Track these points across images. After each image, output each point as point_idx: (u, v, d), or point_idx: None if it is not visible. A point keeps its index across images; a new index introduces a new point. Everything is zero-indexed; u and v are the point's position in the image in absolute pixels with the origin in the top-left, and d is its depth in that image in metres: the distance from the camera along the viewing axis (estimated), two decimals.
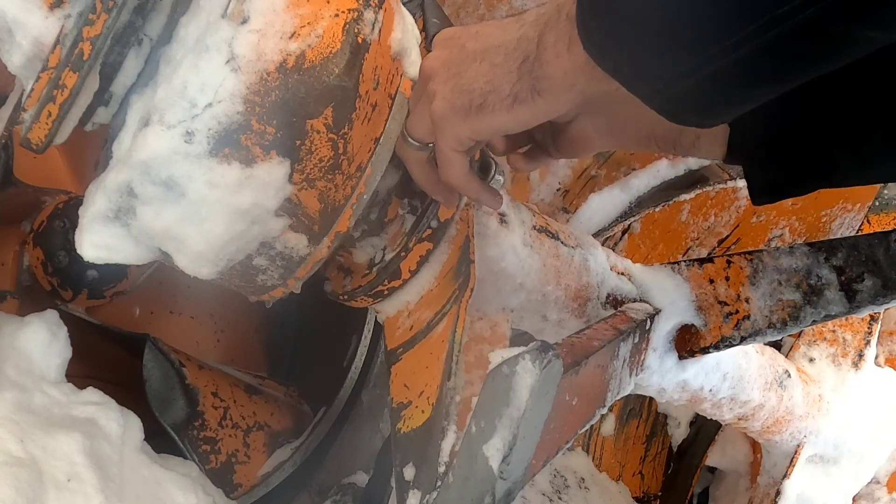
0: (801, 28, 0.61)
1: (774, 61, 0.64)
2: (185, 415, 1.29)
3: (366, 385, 1.47)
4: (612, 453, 2.02)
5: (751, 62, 0.64)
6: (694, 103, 0.70)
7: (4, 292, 1.30)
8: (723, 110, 0.72)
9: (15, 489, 0.88)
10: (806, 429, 1.61)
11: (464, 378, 0.90)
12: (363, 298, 0.97)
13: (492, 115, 0.81)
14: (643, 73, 0.69)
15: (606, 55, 0.71)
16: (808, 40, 0.62)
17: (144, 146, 0.76)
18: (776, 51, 0.63)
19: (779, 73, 0.66)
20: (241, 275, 0.87)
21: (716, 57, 0.64)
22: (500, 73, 0.80)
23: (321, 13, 0.79)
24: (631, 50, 0.69)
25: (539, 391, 0.70)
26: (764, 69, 0.65)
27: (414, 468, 0.86)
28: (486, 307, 1.04)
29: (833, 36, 0.62)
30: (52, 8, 0.75)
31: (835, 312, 1.13)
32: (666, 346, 1.23)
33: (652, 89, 0.69)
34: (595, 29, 0.71)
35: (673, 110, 0.71)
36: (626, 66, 0.71)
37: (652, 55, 0.68)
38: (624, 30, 0.69)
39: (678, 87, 0.68)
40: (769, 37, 0.62)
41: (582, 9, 0.72)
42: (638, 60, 0.69)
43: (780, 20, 0.61)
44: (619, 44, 0.70)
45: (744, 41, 0.63)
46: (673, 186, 1.72)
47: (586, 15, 0.72)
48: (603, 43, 0.71)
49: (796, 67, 0.66)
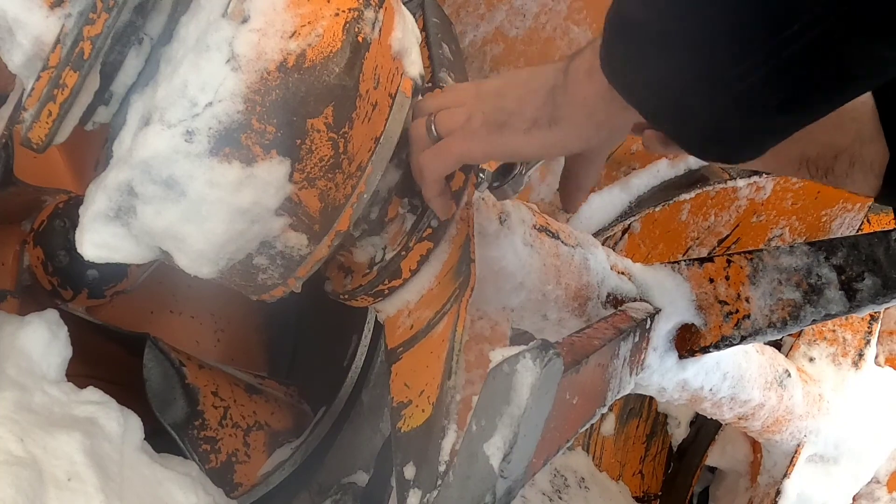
0: (812, 47, 0.60)
1: (791, 84, 0.64)
2: (186, 414, 1.29)
3: (366, 384, 1.47)
4: (613, 453, 2.02)
5: (768, 86, 0.64)
6: (717, 134, 0.69)
7: (5, 292, 1.30)
8: (746, 142, 0.71)
9: (15, 488, 0.88)
10: (806, 428, 1.61)
11: (464, 377, 0.90)
12: (364, 298, 0.97)
13: (508, 136, 0.83)
14: (663, 103, 0.69)
15: (627, 83, 0.72)
16: (820, 61, 0.61)
17: (145, 145, 0.76)
18: (790, 73, 0.63)
19: (798, 98, 0.65)
20: (241, 274, 0.87)
21: (734, 81, 0.64)
22: (530, 97, 0.81)
23: (322, 12, 0.79)
24: (651, 79, 0.69)
25: (540, 390, 0.70)
26: (782, 93, 0.65)
27: (414, 467, 0.86)
28: (486, 306, 1.04)
29: (845, 55, 0.61)
30: (53, 7, 0.75)
31: (835, 312, 1.13)
32: (666, 346, 1.23)
33: (674, 120, 0.69)
34: (616, 57, 0.71)
35: (695, 141, 0.71)
36: (644, 92, 0.70)
37: (671, 83, 0.68)
38: (643, 59, 0.69)
39: (700, 115, 0.67)
40: (782, 58, 0.61)
41: (606, 38, 0.72)
42: (658, 89, 0.69)
43: (790, 41, 0.60)
44: (639, 73, 0.70)
45: (760, 64, 0.62)
46: (673, 186, 1.72)
47: (609, 43, 0.72)
48: (623, 71, 0.71)
49: (815, 92, 0.65)
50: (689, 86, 0.67)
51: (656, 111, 0.71)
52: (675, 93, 0.68)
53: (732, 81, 0.64)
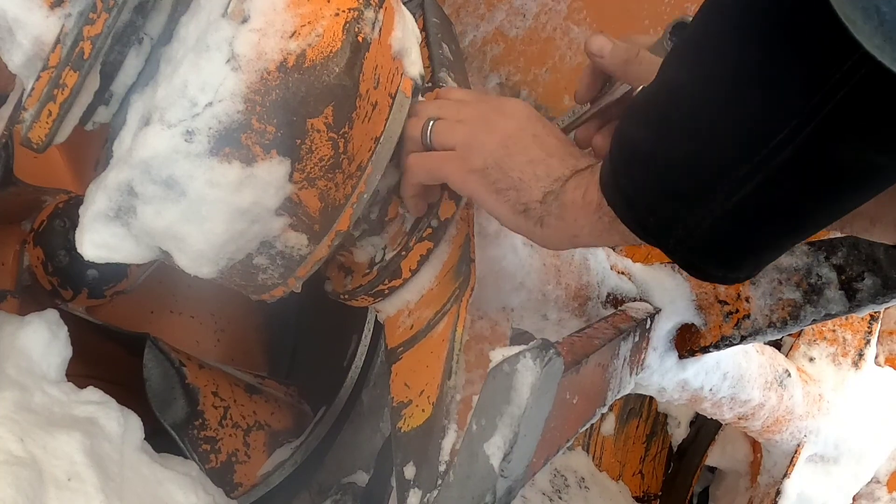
0: (803, 151, 0.60)
1: (786, 192, 0.64)
2: (186, 414, 1.28)
3: (366, 384, 1.47)
4: (613, 453, 2.02)
5: (763, 194, 0.64)
6: (715, 251, 0.70)
7: (5, 292, 1.30)
8: (744, 257, 0.71)
9: (15, 488, 0.88)
10: (806, 428, 1.61)
11: (464, 377, 0.90)
12: (364, 298, 0.97)
13: (497, 202, 0.85)
14: (662, 222, 0.70)
15: (630, 208, 0.73)
16: (811, 165, 0.61)
17: (145, 145, 0.76)
18: (784, 180, 0.63)
19: (792, 207, 0.65)
20: (241, 274, 0.87)
21: (730, 193, 0.64)
22: (532, 186, 0.83)
23: (321, 12, 0.79)
24: (650, 199, 0.70)
25: (540, 389, 0.71)
26: (779, 201, 0.65)
27: (414, 467, 0.86)
28: (486, 306, 1.04)
29: (836, 158, 0.61)
30: (53, 7, 0.75)
31: (835, 311, 1.13)
32: (666, 346, 1.23)
33: (673, 239, 0.70)
34: (620, 183, 0.73)
35: (696, 261, 0.71)
36: (635, 212, 0.72)
37: (670, 201, 0.69)
38: (645, 182, 0.70)
39: (698, 232, 0.68)
40: (775, 164, 0.62)
41: (607, 167, 0.74)
42: (657, 208, 0.70)
43: (782, 146, 0.61)
44: (642, 196, 0.71)
45: (754, 171, 0.63)
46: None
47: (610, 170, 0.74)
48: (619, 188, 0.72)
49: (808, 200, 0.65)
50: (684, 203, 0.68)
51: (652, 232, 0.72)
52: (667, 211, 0.69)
53: (733, 191, 0.64)
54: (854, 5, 0.47)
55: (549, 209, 0.82)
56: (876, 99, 0.57)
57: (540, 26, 1.56)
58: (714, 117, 0.65)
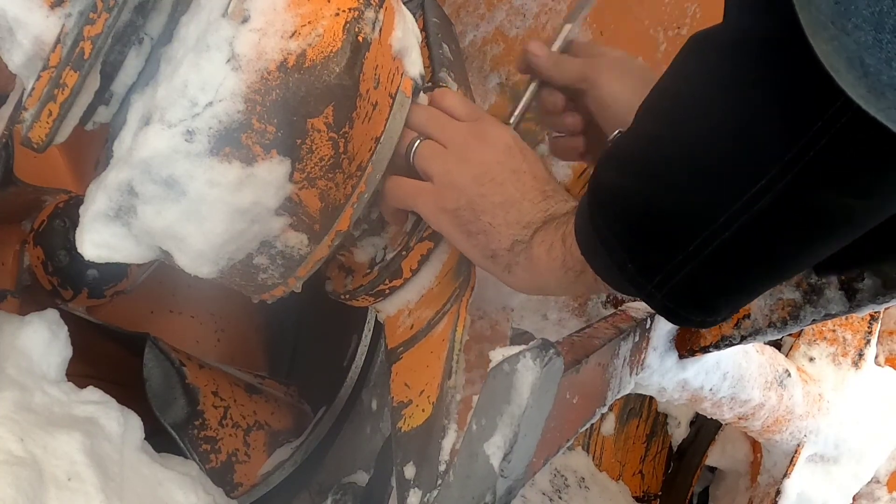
0: (782, 199, 0.61)
1: (764, 239, 0.64)
2: (186, 414, 1.28)
3: (366, 384, 1.47)
4: (613, 453, 2.02)
5: (742, 242, 0.64)
6: (694, 297, 0.70)
7: (5, 291, 1.30)
8: (722, 301, 0.71)
9: (15, 488, 0.88)
10: (806, 428, 1.61)
11: (464, 377, 0.90)
12: (364, 298, 0.97)
13: (467, 244, 0.85)
14: (641, 269, 0.70)
15: (606, 258, 0.72)
16: (790, 213, 0.62)
17: (145, 145, 0.76)
18: (763, 227, 0.63)
19: (770, 253, 0.66)
20: (241, 274, 0.87)
21: (709, 240, 0.65)
22: (502, 233, 0.83)
23: (322, 12, 0.79)
24: (629, 246, 0.70)
25: (540, 388, 0.71)
26: (757, 248, 0.65)
27: (414, 467, 0.86)
28: (486, 306, 1.04)
29: (815, 206, 0.61)
30: (53, 7, 0.75)
31: (835, 311, 1.13)
32: (666, 346, 1.23)
33: (652, 286, 0.69)
34: (599, 232, 0.72)
35: (674, 307, 0.71)
36: (613, 258, 0.71)
37: (649, 248, 0.69)
38: (623, 229, 0.70)
39: (677, 279, 0.68)
40: (754, 212, 0.62)
41: (584, 214, 0.74)
42: (636, 255, 0.70)
43: (762, 194, 0.61)
44: (621, 243, 0.71)
45: (733, 219, 0.63)
46: None
47: (588, 217, 0.74)
48: (606, 242, 0.72)
49: (786, 246, 0.65)
50: (663, 250, 0.68)
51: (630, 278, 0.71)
52: (646, 258, 0.69)
53: (711, 237, 0.64)
54: (838, 55, 0.47)
55: (516, 258, 0.83)
56: (857, 146, 0.57)
57: (540, 26, 1.56)
58: (693, 166, 0.65)
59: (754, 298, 0.73)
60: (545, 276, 0.81)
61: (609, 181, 0.72)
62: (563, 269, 0.79)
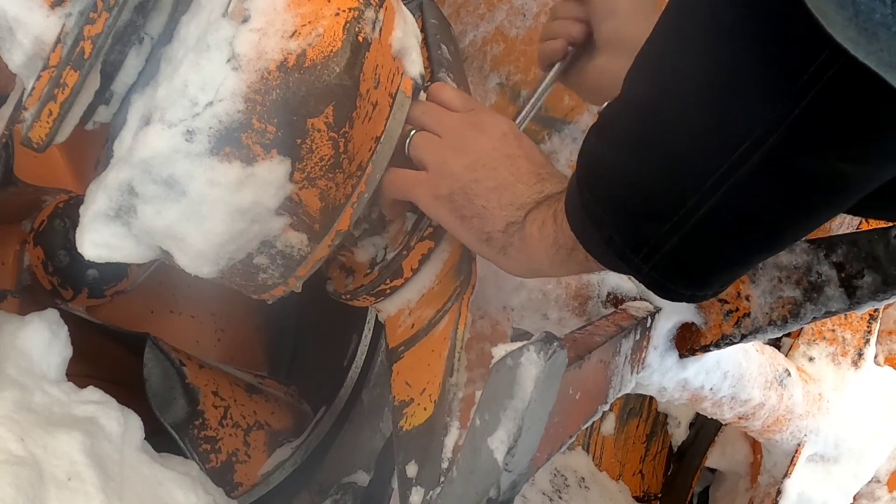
0: (769, 160, 0.58)
1: (753, 204, 0.61)
2: (186, 414, 1.28)
3: (366, 384, 1.47)
4: (613, 452, 2.02)
5: (730, 207, 0.61)
6: (683, 268, 0.67)
7: (5, 291, 1.30)
8: (712, 273, 0.69)
9: (15, 488, 0.88)
10: (806, 428, 1.61)
11: (465, 375, 0.90)
12: (365, 297, 0.97)
13: (462, 228, 0.85)
14: (629, 241, 0.68)
15: (595, 233, 0.71)
16: (778, 175, 0.59)
17: (145, 145, 0.76)
18: (750, 190, 0.60)
19: (759, 220, 0.63)
20: (241, 273, 0.87)
21: (696, 206, 0.62)
22: (496, 215, 0.83)
23: (322, 12, 0.79)
24: (617, 218, 0.69)
25: (544, 382, 0.70)
26: (745, 214, 0.62)
27: (416, 465, 0.86)
28: (487, 306, 1.04)
29: (804, 168, 0.58)
30: (54, 6, 0.75)
31: (835, 309, 1.13)
32: (666, 345, 1.23)
33: (639, 258, 0.68)
34: (587, 204, 0.71)
35: (662, 279, 0.69)
36: (602, 232, 0.70)
37: (637, 219, 0.67)
38: (611, 200, 0.69)
39: (665, 249, 0.66)
40: (741, 175, 0.59)
41: (573, 187, 0.73)
42: (624, 227, 0.68)
43: (746, 156, 0.58)
44: (609, 215, 0.69)
45: (720, 182, 0.60)
46: None
47: (576, 190, 0.73)
48: (594, 215, 0.71)
49: (775, 212, 0.62)
50: (650, 220, 0.66)
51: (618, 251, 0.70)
52: (634, 229, 0.67)
53: (700, 203, 0.62)
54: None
55: (510, 240, 0.82)
56: (845, 101, 0.54)
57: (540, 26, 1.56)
58: (680, 129, 0.62)
59: (746, 271, 0.71)
60: (538, 256, 0.80)
61: (597, 152, 0.71)
62: (555, 246, 0.78)
